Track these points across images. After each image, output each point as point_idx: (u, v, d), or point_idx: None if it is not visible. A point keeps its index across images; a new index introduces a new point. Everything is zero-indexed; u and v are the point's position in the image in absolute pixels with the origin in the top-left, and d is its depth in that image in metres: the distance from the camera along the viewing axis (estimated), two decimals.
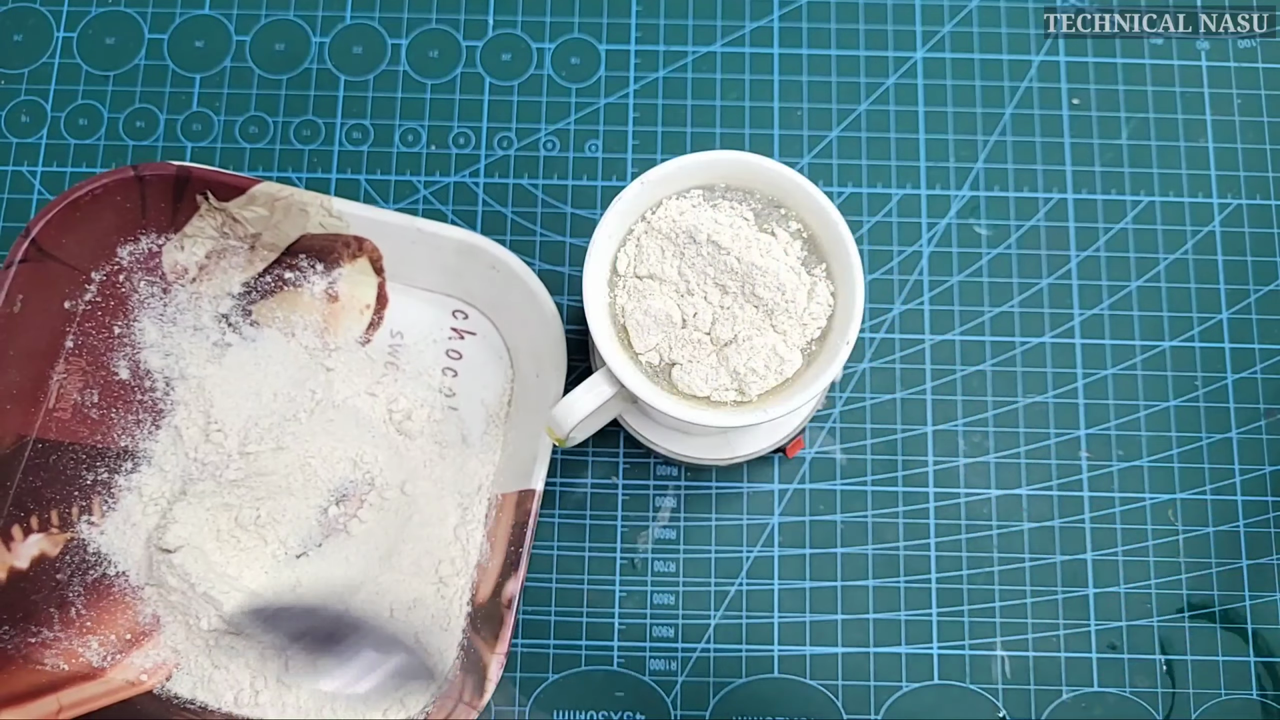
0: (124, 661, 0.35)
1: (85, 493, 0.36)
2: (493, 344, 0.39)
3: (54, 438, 0.36)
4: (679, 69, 0.45)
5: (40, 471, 0.36)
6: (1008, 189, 0.43)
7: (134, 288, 0.38)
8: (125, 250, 0.38)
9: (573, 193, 0.43)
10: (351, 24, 0.45)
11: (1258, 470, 0.41)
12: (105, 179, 0.36)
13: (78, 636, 0.35)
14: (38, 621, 0.35)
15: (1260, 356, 0.42)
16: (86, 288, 0.38)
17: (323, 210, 0.37)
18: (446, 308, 0.39)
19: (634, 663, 0.39)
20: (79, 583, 0.35)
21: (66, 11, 0.45)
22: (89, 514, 0.36)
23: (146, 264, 0.38)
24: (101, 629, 0.35)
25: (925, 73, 0.45)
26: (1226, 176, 0.44)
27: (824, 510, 0.41)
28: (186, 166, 0.36)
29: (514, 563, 0.34)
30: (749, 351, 0.31)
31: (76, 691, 0.34)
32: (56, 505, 0.36)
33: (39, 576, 0.35)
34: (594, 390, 0.32)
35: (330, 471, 0.37)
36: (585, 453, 0.41)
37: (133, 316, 0.38)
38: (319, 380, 0.38)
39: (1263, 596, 0.40)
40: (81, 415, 0.37)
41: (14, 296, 0.35)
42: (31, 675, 0.34)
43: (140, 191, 0.37)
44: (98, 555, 0.36)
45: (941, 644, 0.39)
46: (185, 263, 0.38)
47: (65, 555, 0.36)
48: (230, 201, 0.37)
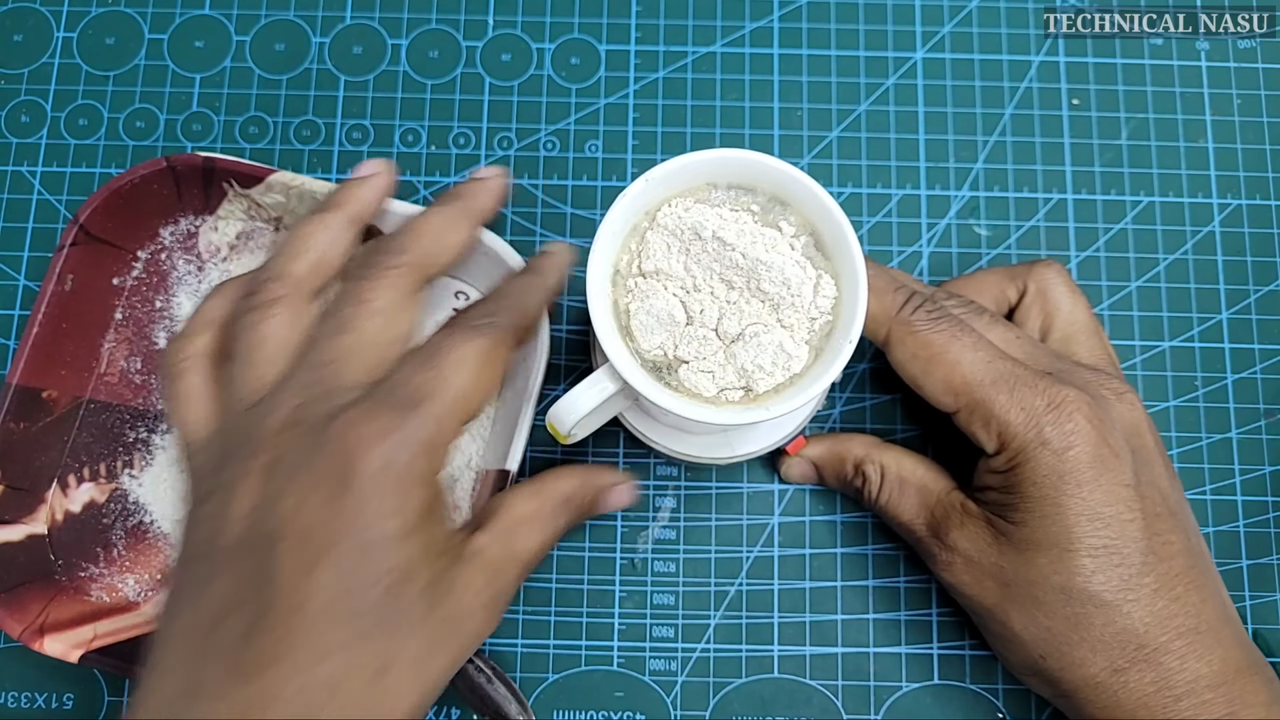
0: (156, 597, 0.39)
1: (128, 449, 0.40)
2: None
3: (103, 399, 0.40)
4: (679, 69, 0.45)
5: (92, 429, 0.40)
6: (1007, 189, 0.44)
7: (174, 265, 0.42)
8: (167, 231, 0.41)
9: (573, 193, 0.43)
10: (351, 24, 0.45)
11: (1258, 470, 0.41)
12: (143, 169, 0.39)
13: (118, 573, 0.39)
14: (87, 559, 0.39)
15: (1260, 356, 0.42)
16: (134, 265, 0.41)
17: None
18: (449, 289, 0.41)
19: (634, 663, 0.39)
20: (121, 527, 0.40)
21: (66, 11, 0.45)
22: (130, 468, 0.40)
23: (185, 243, 0.42)
24: (138, 568, 0.39)
25: (925, 73, 0.45)
26: (1226, 176, 0.44)
27: (824, 510, 0.41)
28: (211, 157, 0.39)
29: None
30: (756, 347, 0.31)
31: (112, 622, 0.38)
32: (104, 459, 0.40)
33: (89, 520, 0.39)
34: (597, 386, 0.32)
35: None
36: (585, 453, 0.41)
37: (171, 292, 0.41)
38: None
39: (1263, 596, 0.40)
40: (127, 380, 0.41)
41: (65, 276, 0.39)
42: (78, 605, 0.38)
43: (174, 179, 0.40)
44: (137, 504, 0.40)
45: (941, 644, 0.39)
46: (219, 243, 0.42)
47: (110, 503, 0.40)
48: (251, 189, 0.40)
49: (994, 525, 0.33)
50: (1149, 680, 0.31)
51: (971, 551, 0.34)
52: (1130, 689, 0.31)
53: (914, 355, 0.33)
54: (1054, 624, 0.32)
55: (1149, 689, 0.31)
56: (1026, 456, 0.32)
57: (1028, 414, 0.32)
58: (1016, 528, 0.33)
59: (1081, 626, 0.32)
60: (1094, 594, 0.31)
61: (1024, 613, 0.33)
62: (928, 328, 0.33)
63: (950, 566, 0.34)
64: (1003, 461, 0.33)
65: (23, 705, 0.39)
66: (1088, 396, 0.32)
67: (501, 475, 0.36)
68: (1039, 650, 0.33)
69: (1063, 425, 0.32)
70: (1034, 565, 0.32)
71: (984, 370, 0.33)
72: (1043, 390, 0.32)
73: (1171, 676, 0.31)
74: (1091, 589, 0.31)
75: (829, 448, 0.39)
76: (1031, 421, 0.32)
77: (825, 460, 0.39)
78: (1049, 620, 0.32)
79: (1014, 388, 0.32)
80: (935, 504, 0.35)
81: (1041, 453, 0.32)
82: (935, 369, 0.33)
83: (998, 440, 0.33)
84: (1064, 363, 0.35)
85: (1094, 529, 0.31)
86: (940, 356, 0.33)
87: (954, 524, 0.34)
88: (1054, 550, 0.32)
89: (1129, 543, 0.32)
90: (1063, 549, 0.32)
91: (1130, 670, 0.31)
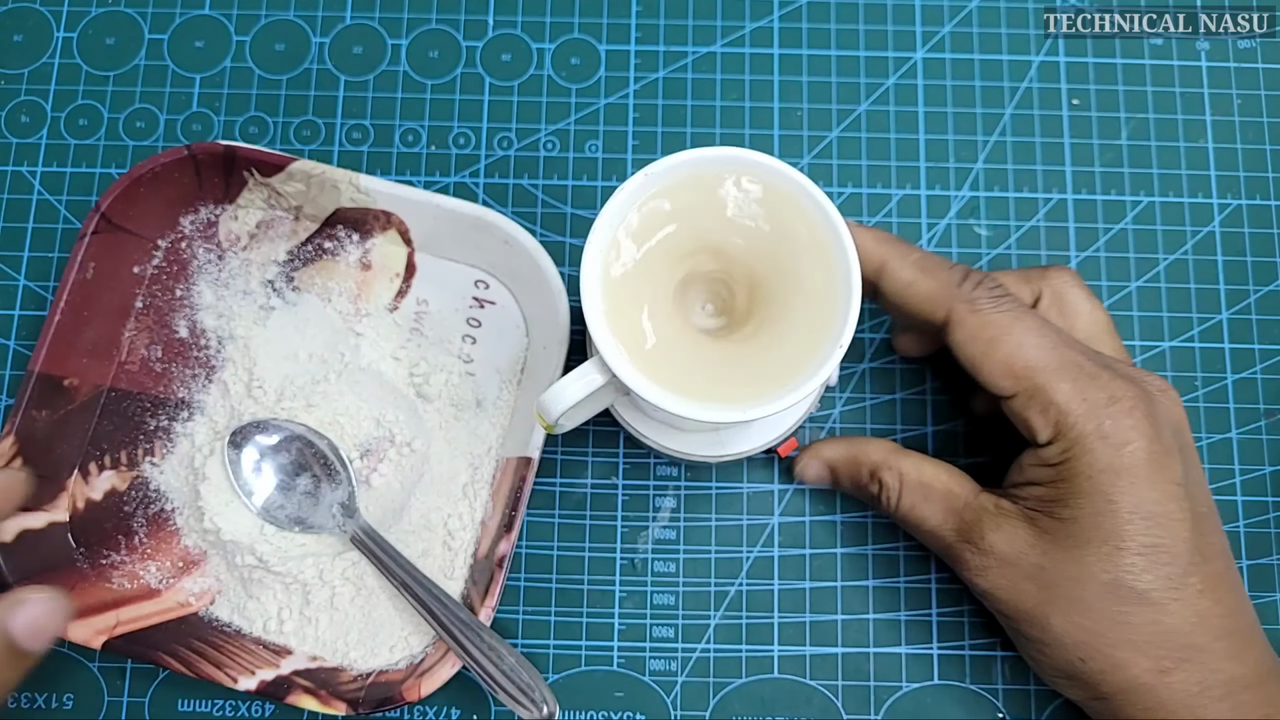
0: (176, 585, 0.39)
1: (149, 437, 0.40)
2: (510, 314, 0.41)
3: (124, 387, 0.40)
4: (679, 69, 0.45)
5: (113, 417, 0.40)
6: (1007, 189, 0.44)
7: (194, 254, 0.42)
8: (187, 220, 0.41)
9: (573, 193, 0.43)
10: (351, 24, 0.45)
11: (1258, 470, 0.41)
12: (164, 158, 0.39)
13: (140, 561, 0.39)
14: (108, 546, 0.39)
15: (1260, 357, 0.42)
16: (154, 254, 0.41)
17: (352, 186, 0.39)
18: (470, 278, 0.41)
19: (634, 663, 0.39)
20: (142, 515, 0.40)
21: (66, 11, 0.45)
22: (151, 455, 0.40)
23: (205, 232, 0.42)
24: (159, 556, 0.39)
25: (925, 73, 0.45)
26: (1226, 177, 0.44)
27: (824, 510, 0.41)
28: (232, 145, 0.39)
29: (507, 524, 0.37)
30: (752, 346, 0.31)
31: (135, 609, 0.38)
32: (125, 447, 0.40)
33: (110, 507, 0.39)
34: (584, 378, 0.32)
35: (355, 428, 0.39)
36: (585, 453, 0.41)
37: (192, 281, 0.42)
38: (349, 344, 0.41)
39: (1263, 597, 0.40)
40: (147, 368, 0.41)
41: (86, 264, 0.39)
42: (101, 592, 0.38)
43: (195, 168, 0.40)
44: (158, 492, 0.40)
45: (941, 644, 0.39)
46: (238, 231, 0.42)
47: (131, 490, 0.40)
48: (272, 178, 0.40)
49: (1036, 523, 0.33)
50: (1194, 680, 0.31)
51: (1009, 552, 0.33)
52: (1175, 689, 0.31)
53: (974, 336, 0.32)
54: (1098, 624, 0.32)
55: (1193, 689, 0.31)
56: (1084, 449, 0.31)
57: (1089, 405, 0.31)
58: (1064, 523, 0.32)
59: (1126, 626, 0.31)
60: (1142, 592, 0.31)
61: (1065, 614, 0.32)
62: (991, 306, 0.32)
63: (985, 571, 0.33)
64: (1056, 452, 0.32)
65: (23, 705, 0.39)
66: (1144, 393, 0.32)
67: (524, 462, 0.37)
68: (1080, 653, 0.32)
69: (1121, 420, 0.31)
70: (1080, 562, 0.31)
71: (1049, 356, 0.32)
72: (1105, 383, 0.32)
73: (1213, 677, 0.31)
74: (1140, 587, 0.31)
75: (846, 450, 0.38)
76: (1092, 413, 0.31)
77: (841, 463, 0.38)
78: (1092, 621, 0.32)
79: (1077, 377, 0.32)
80: (964, 508, 0.34)
81: (1100, 446, 0.31)
82: (997, 350, 0.32)
83: (1054, 429, 0.32)
84: (1113, 359, 0.34)
85: (1145, 527, 0.31)
86: (1003, 338, 0.32)
87: (988, 526, 0.33)
88: (1104, 547, 0.31)
89: (1178, 542, 0.31)
90: (1114, 546, 0.31)
91: (1175, 671, 0.31)
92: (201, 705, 0.39)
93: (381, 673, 0.37)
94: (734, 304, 0.33)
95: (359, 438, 0.39)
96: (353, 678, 0.37)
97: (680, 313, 0.33)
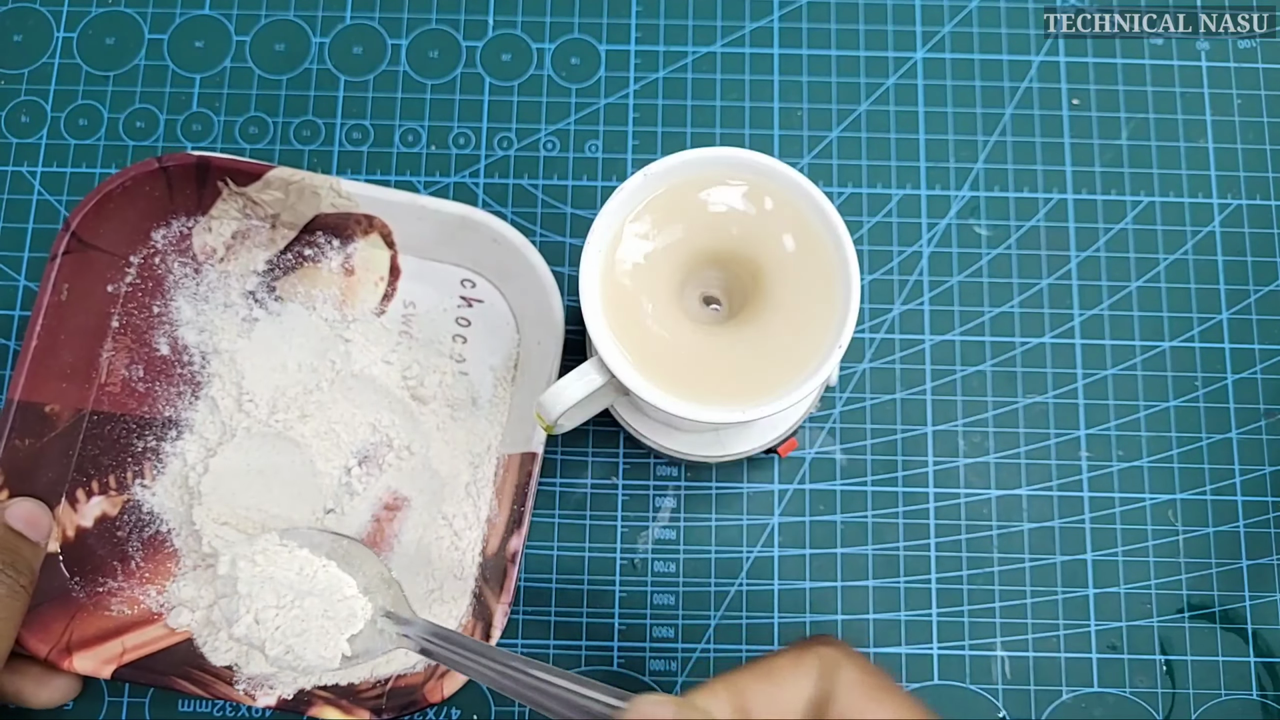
0: (177, 608, 0.38)
1: (137, 459, 0.40)
2: (500, 311, 0.41)
3: (107, 410, 0.39)
4: (679, 69, 0.45)
5: (97, 441, 0.39)
6: (1008, 189, 0.44)
7: (169, 269, 0.41)
8: (159, 234, 0.41)
9: (573, 193, 0.43)
10: (351, 24, 0.45)
11: (1258, 470, 0.41)
12: (133, 171, 0.38)
13: (138, 585, 0.38)
14: (103, 573, 0.38)
15: (1260, 357, 0.42)
16: (126, 271, 0.40)
17: (333, 191, 0.39)
18: (456, 277, 0.41)
19: (634, 663, 0.39)
20: (136, 538, 0.39)
21: (66, 11, 0.45)
22: (141, 478, 0.39)
23: (179, 246, 0.41)
24: (158, 579, 0.39)
25: (925, 73, 0.45)
26: (1226, 177, 0.44)
27: (824, 510, 0.41)
28: (205, 156, 0.39)
29: (517, 520, 0.37)
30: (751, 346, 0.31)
31: (140, 634, 0.37)
32: (113, 470, 0.39)
33: (102, 534, 0.39)
34: (584, 379, 0.32)
35: (352, 435, 0.39)
36: (585, 453, 0.41)
37: (169, 296, 0.41)
38: (339, 351, 0.40)
39: (1263, 596, 0.40)
40: (130, 389, 0.40)
41: (60, 286, 0.38)
42: (100, 620, 0.37)
43: (166, 180, 0.39)
44: (151, 514, 0.39)
45: (941, 644, 0.39)
46: (213, 244, 0.41)
47: (123, 514, 0.39)
48: (248, 187, 0.39)
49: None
50: None
51: None
52: None
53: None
54: None
55: None
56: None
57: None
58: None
59: None
60: None
61: None
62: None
63: None
64: None
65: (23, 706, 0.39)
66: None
67: (528, 458, 0.37)
68: None
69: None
70: None
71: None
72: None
73: None
74: None
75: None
76: None
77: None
78: None
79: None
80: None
81: None
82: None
83: None
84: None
85: None
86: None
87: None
88: None
89: None
90: None
91: None
92: (202, 705, 0.39)
93: (400, 677, 0.36)
94: (733, 304, 0.33)
95: (356, 445, 0.39)
96: (371, 684, 0.36)
97: (679, 313, 0.33)
